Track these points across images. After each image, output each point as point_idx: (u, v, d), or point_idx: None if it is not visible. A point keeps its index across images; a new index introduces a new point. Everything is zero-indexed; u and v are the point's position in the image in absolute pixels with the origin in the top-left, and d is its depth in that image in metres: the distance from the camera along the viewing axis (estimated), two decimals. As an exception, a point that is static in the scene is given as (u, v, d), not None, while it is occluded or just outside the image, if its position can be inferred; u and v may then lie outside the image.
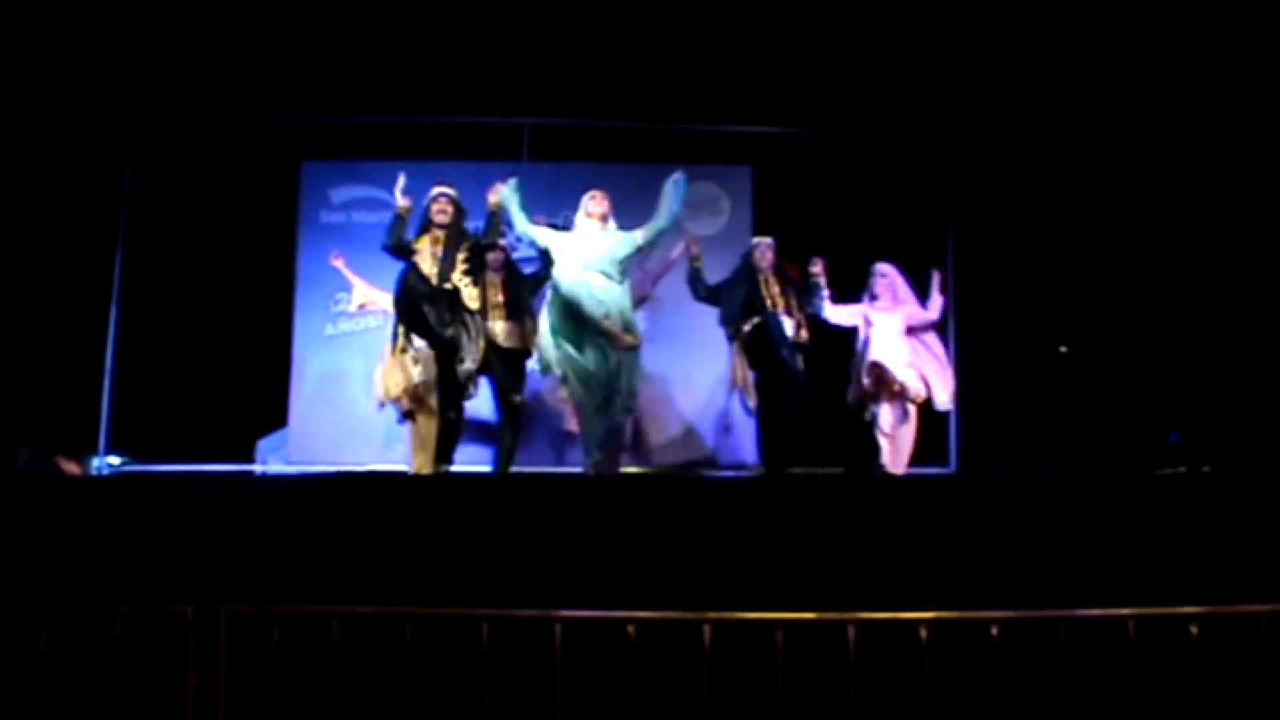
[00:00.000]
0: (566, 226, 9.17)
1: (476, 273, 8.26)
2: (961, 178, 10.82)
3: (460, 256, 8.15)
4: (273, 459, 10.09)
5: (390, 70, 10.21)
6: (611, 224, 8.53)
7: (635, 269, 8.88)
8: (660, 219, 8.48)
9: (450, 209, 8.24)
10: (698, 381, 10.02)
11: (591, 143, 10.76)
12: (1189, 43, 9.48)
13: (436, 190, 8.30)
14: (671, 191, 8.49)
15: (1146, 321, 10.02)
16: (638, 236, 8.46)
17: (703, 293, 8.94)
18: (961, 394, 10.32)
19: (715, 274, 9.23)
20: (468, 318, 8.16)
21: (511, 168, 10.58)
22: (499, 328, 8.76)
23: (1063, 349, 10.70)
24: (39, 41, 9.53)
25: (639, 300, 9.11)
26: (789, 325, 8.69)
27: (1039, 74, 10.08)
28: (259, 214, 10.58)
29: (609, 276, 8.33)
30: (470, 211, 8.74)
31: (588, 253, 8.35)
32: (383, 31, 9.91)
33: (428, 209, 8.26)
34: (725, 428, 9.93)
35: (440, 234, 8.18)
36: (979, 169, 10.75)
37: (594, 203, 8.52)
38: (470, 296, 8.16)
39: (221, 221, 10.61)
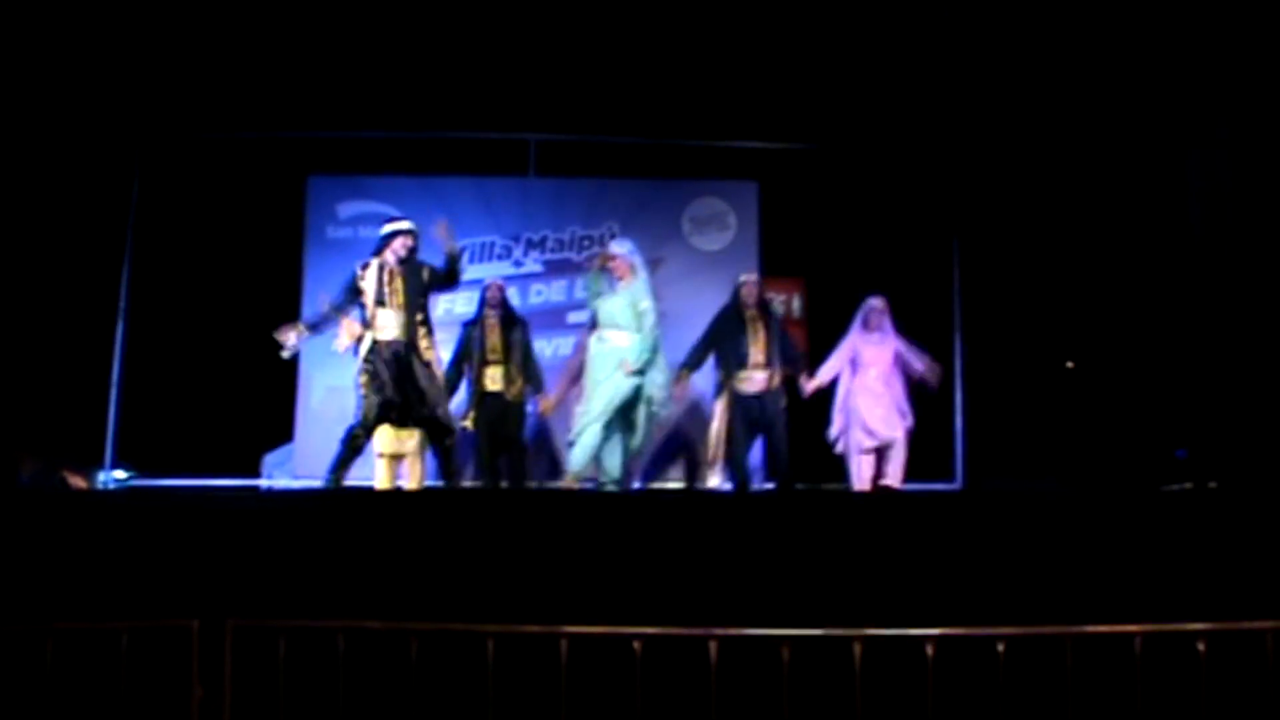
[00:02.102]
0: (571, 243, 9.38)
1: (430, 324, 8.13)
2: (967, 193, 10.82)
3: (419, 304, 8.02)
4: (279, 474, 10.09)
5: (397, 86, 10.25)
6: (636, 273, 8.80)
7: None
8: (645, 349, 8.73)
9: (411, 241, 8.07)
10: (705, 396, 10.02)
11: (598, 159, 10.78)
12: (1190, 61, 9.50)
13: (395, 227, 8.09)
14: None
15: (1152, 337, 10.02)
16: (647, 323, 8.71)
17: (699, 357, 9.13)
18: (968, 410, 10.36)
19: (719, 290, 9.28)
20: (428, 375, 8.00)
21: (517, 183, 10.65)
22: (493, 373, 8.93)
23: (1069, 365, 10.70)
24: (47, 56, 9.57)
25: None
26: (763, 378, 8.87)
27: (1043, 90, 10.10)
28: (266, 229, 10.60)
29: (625, 328, 8.70)
30: (476, 226, 8.80)
31: (607, 310, 8.81)
32: (390, 47, 9.94)
33: (384, 244, 8.05)
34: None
35: (398, 269, 7.99)
36: (985, 185, 10.75)
37: (616, 268, 8.84)
38: (425, 348, 7.99)
39: (228, 236, 10.62)
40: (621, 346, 8.64)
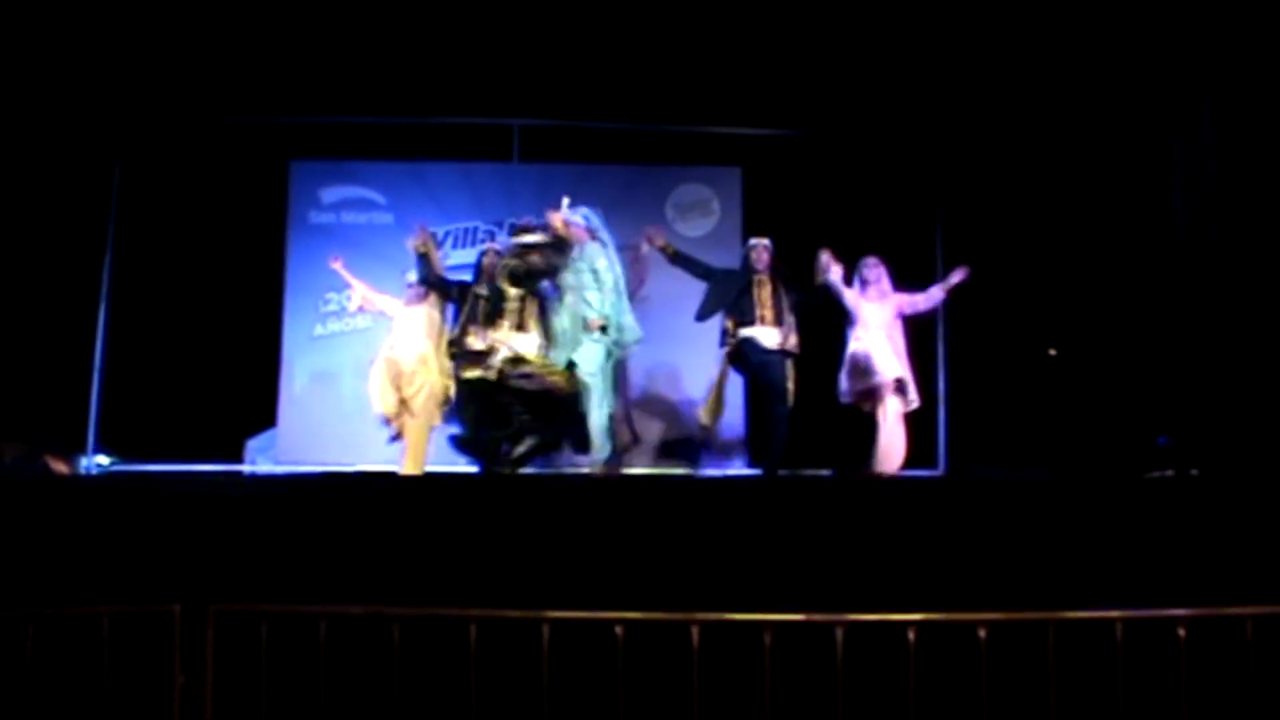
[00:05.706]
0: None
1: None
2: (950, 179, 10.83)
3: None
4: (261, 459, 10.08)
5: (380, 70, 10.20)
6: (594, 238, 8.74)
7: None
8: None
9: None
10: (686, 377, 10.03)
11: (581, 144, 10.76)
12: (1175, 48, 9.51)
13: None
14: None
15: (1135, 324, 10.04)
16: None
17: (698, 270, 9.00)
18: (950, 396, 10.37)
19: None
20: None
21: (500, 168, 10.64)
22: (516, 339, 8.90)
23: (1051, 351, 10.72)
24: (27, 40, 9.50)
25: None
26: (776, 335, 8.67)
27: (1027, 77, 10.08)
28: (248, 213, 10.56)
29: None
30: (459, 211, 8.79)
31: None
32: (372, 31, 9.89)
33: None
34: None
35: None
36: (967, 171, 10.76)
37: (573, 234, 8.68)
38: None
39: (210, 221, 10.58)
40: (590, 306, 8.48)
